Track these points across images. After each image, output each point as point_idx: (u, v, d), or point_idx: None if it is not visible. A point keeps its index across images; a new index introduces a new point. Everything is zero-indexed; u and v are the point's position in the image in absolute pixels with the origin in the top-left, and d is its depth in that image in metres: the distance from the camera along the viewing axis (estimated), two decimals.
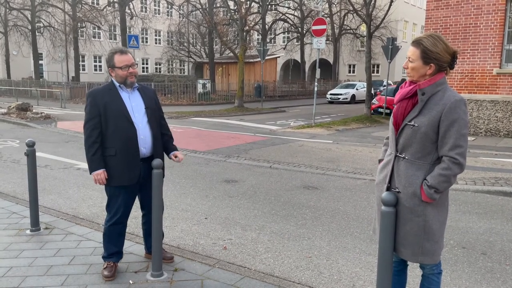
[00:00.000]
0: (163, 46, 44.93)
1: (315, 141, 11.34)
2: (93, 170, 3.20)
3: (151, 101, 3.41)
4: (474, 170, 7.56)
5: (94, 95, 3.24)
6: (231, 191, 6.29)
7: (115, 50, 3.28)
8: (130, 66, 3.24)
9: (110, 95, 3.24)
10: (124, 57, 3.24)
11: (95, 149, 3.18)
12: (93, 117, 3.19)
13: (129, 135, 3.21)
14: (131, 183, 3.28)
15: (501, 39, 11.41)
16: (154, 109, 3.41)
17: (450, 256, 4.04)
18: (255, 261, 3.88)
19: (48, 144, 10.19)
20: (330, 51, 37.97)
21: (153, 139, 3.34)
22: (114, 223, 3.33)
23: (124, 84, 3.29)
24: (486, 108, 11.86)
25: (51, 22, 32.43)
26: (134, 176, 3.27)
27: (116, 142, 3.20)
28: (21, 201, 5.34)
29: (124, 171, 3.23)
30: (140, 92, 3.39)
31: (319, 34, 14.89)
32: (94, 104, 3.20)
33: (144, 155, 3.31)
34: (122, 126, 3.20)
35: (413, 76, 2.34)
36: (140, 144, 3.26)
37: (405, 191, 2.34)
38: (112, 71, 3.27)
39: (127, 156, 3.22)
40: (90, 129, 3.19)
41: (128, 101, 3.29)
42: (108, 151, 3.22)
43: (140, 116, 3.29)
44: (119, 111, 3.21)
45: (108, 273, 3.32)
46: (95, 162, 3.19)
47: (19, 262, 3.59)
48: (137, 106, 3.31)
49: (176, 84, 26.39)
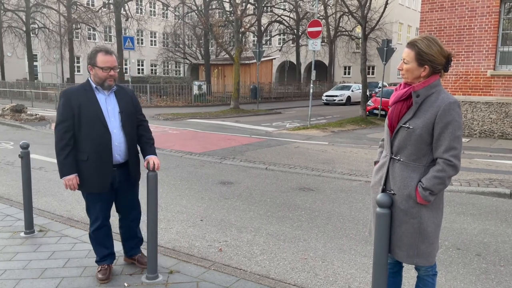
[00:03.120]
0: (158, 47, 44.86)
1: (310, 142, 11.36)
2: (64, 174, 3.06)
3: (127, 104, 3.22)
4: (469, 171, 7.60)
5: (69, 96, 3.06)
6: (227, 193, 6.28)
7: (99, 49, 3.10)
8: (112, 68, 3.07)
9: (85, 96, 3.07)
10: (108, 58, 3.06)
11: (67, 153, 3.03)
12: (65, 119, 3.03)
13: (102, 141, 3.06)
14: (102, 191, 3.16)
15: (495, 41, 11.49)
16: (130, 112, 3.23)
17: (445, 257, 4.05)
18: (251, 263, 3.87)
19: (43, 146, 10.13)
20: (326, 53, 38.06)
21: (128, 145, 3.19)
22: (97, 227, 3.27)
23: (101, 86, 3.11)
24: (481, 110, 11.93)
25: (45, 24, 32.27)
26: (106, 184, 3.14)
27: (88, 147, 3.05)
28: (15, 204, 5.30)
29: (95, 178, 3.10)
30: (117, 95, 3.20)
31: (314, 36, 14.94)
32: (68, 105, 3.03)
33: (118, 161, 3.17)
34: (96, 130, 3.05)
35: (408, 77, 2.35)
36: (115, 151, 3.12)
37: (400, 193, 2.34)
38: (92, 69, 3.08)
39: (99, 162, 3.08)
40: (62, 131, 3.03)
41: (104, 104, 3.12)
42: (80, 155, 3.08)
43: (115, 121, 3.14)
44: (94, 114, 3.05)
45: (103, 276, 3.29)
46: (67, 166, 3.04)
47: (13, 265, 3.56)
48: (113, 110, 3.15)
49: (172, 85, 26.35)
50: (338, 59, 40.97)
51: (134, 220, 3.48)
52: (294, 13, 36.13)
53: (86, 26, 32.46)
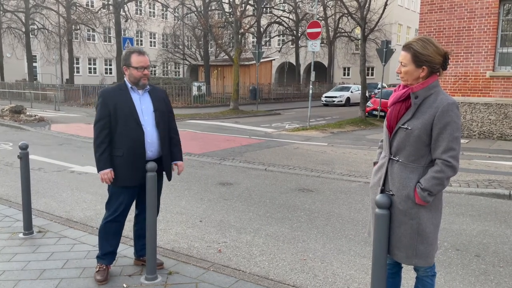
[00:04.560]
0: (158, 48, 44.82)
1: (310, 143, 11.36)
2: (101, 169, 3.22)
3: (160, 103, 3.39)
4: (468, 172, 7.60)
5: (105, 95, 3.25)
6: (226, 193, 6.28)
7: (133, 50, 3.29)
8: (145, 67, 3.26)
9: (121, 96, 3.26)
10: (142, 58, 3.25)
11: (103, 149, 3.20)
12: (102, 118, 3.21)
13: (136, 138, 3.23)
14: (134, 184, 3.31)
15: (494, 42, 11.50)
16: (163, 111, 3.39)
17: (444, 258, 4.06)
18: (250, 264, 3.87)
19: (42, 147, 10.13)
20: (325, 54, 38.06)
21: (160, 142, 3.34)
22: (111, 220, 3.34)
23: (136, 85, 3.30)
24: (480, 111, 11.94)
25: (45, 24, 32.27)
26: (138, 178, 3.28)
27: (123, 143, 3.22)
28: (14, 205, 5.30)
29: (129, 172, 3.25)
30: (150, 94, 3.38)
31: (314, 37, 14.95)
32: (105, 104, 3.22)
33: (150, 158, 3.32)
34: (131, 128, 3.22)
35: (407, 80, 2.36)
36: (147, 147, 3.27)
37: (399, 194, 2.35)
38: (127, 70, 3.27)
39: (133, 157, 3.24)
40: (99, 129, 3.22)
41: (138, 103, 3.30)
42: (116, 151, 3.24)
43: (149, 119, 3.30)
44: (129, 112, 3.23)
45: (101, 277, 3.30)
46: (102, 162, 3.21)
47: (12, 266, 3.56)
48: (146, 109, 3.32)
49: (171, 86, 26.34)
50: (337, 60, 40.98)
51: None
52: (294, 14, 36.14)
53: (85, 27, 32.43)
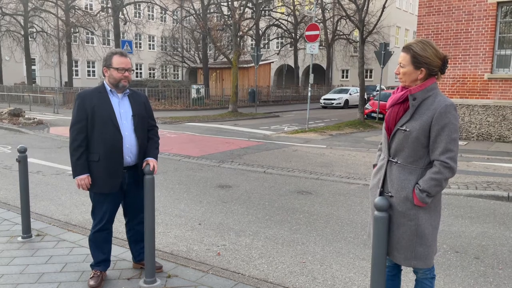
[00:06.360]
0: (157, 51, 44.87)
1: (309, 146, 11.37)
2: (77, 174, 3.14)
3: (139, 107, 3.31)
4: (467, 174, 7.61)
5: (83, 98, 3.16)
6: (225, 196, 6.27)
7: (115, 51, 3.23)
8: (126, 69, 3.19)
9: (99, 99, 3.17)
10: (123, 59, 3.19)
11: (80, 153, 3.12)
12: (79, 121, 3.13)
13: (114, 143, 3.14)
14: (112, 191, 3.22)
15: (492, 44, 11.54)
16: (142, 116, 3.31)
17: (443, 260, 4.05)
18: (249, 266, 3.86)
19: (41, 150, 10.11)
20: (324, 57, 38.12)
21: (138, 148, 3.26)
22: (99, 229, 3.29)
23: (116, 87, 3.21)
24: (478, 113, 11.97)
25: (44, 27, 32.28)
26: (116, 185, 3.20)
27: (100, 148, 3.13)
28: (12, 208, 5.29)
29: (106, 178, 3.16)
30: (130, 98, 3.30)
31: (312, 40, 14.98)
32: (82, 107, 3.13)
33: (129, 163, 3.24)
34: (108, 132, 3.12)
35: (405, 81, 2.38)
36: (125, 152, 3.20)
37: (397, 195, 2.35)
38: (107, 71, 3.20)
39: (110, 163, 3.15)
40: (75, 132, 3.13)
41: (117, 107, 3.21)
42: (92, 156, 3.15)
43: (127, 123, 3.22)
44: (107, 116, 3.13)
45: (94, 283, 3.26)
46: (79, 167, 3.13)
47: (10, 270, 3.55)
48: (125, 113, 3.23)
49: (170, 89, 26.36)
50: (336, 62, 41.04)
51: (141, 223, 3.44)
52: (292, 17, 36.21)
53: (84, 30, 32.45)
